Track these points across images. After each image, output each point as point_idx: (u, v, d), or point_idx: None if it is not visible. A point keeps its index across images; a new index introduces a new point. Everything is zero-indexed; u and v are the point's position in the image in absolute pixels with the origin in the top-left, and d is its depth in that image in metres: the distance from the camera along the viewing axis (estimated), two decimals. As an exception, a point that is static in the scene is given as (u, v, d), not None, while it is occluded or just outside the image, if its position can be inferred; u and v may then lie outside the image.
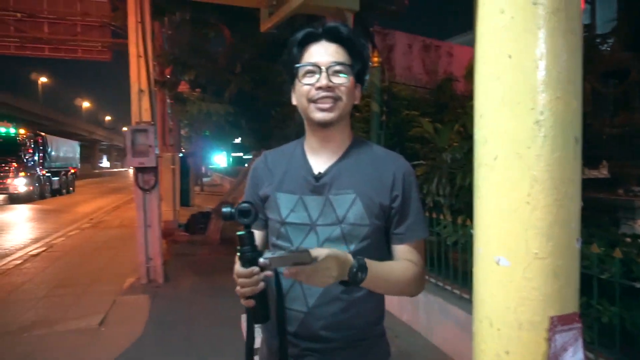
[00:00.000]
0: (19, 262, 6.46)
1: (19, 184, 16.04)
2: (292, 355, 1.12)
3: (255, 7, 3.79)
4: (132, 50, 5.24)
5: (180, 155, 11.62)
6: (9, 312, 4.36)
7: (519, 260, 0.77)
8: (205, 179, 24.61)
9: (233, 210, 0.98)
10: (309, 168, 1.16)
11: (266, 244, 1.25)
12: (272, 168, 1.22)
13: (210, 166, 28.63)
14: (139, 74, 5.23)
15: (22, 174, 16.24)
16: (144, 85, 5.24)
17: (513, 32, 0.76)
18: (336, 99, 1.09)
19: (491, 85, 0.79)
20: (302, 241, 1.12)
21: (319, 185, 1.13)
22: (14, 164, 16.18)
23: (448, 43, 13.50)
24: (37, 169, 17.30)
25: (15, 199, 16.08)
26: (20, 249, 7.51)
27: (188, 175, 12.52)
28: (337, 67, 1.08)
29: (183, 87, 8.12)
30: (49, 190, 18.33)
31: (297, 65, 1.11)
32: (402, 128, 6.03)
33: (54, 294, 4.93)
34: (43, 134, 18.96)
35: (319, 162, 1.16)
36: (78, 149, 24.88)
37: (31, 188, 16.38)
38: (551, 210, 0.75)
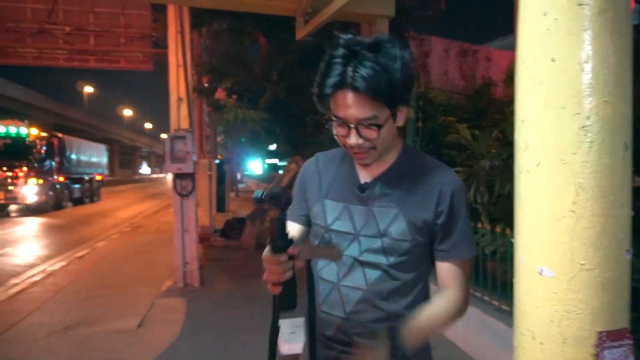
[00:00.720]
0: (64, 263, 6.76)
1: (29, 192, 13.77)
2: (329, 357, 1.13)
3: (290, 15, 3.84)
4: (172, 60, 5.41)
5: (217, 161, 11.87)
6: (54, 311, 4.56)
7: (564, 271, 0.73)
8: (240, 185, 25.03)
9: (264, 192, 0.96)
10: (356, 177, 1.15)
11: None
12: (322, 172, 1.21)
13: (245, 172, 29.11)
14: (178, 83, 5.39)
15: (33, 181, 13.95)
16: (183, 94, 5.40)
17: (557, 35, 0.73)
18: (370, 149, 1.05)
19: (534, 89, 0.76)
20: (345, 250, 1.12)
21: (364, 195, 1.12)
22: (24, 169, 13.94)
23: (486, 47, 13.21)
24: (53, 175, 15.11)
25: (25, 209, 14.22)
26: (67, 251, 7.85)
27: (224, 181, 12.78)
28: (366, 122, 1.00)
29: (220, 95, 8.31)
30: (68, 199, 16.22)
31: (326, 119, 1.07)
32: (438, 134, 5.93)
33: (96, 295, 5.12)
34: (60, 134, 16.59)
35: (367, 172, 1.14)
36: (106, 154, 22.26)
37: (44, 197, 14.15)
38: (599, 219, 0.72)
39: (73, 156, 17.23)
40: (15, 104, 27.76)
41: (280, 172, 10.06)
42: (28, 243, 8.97)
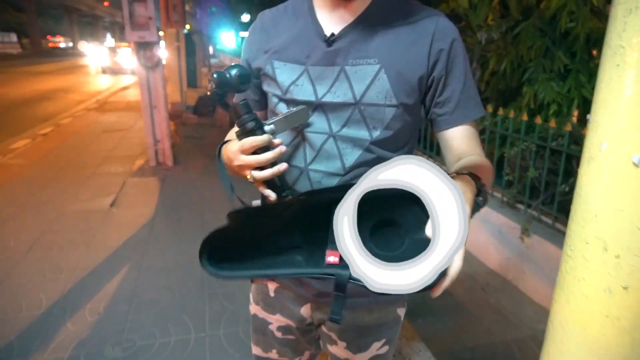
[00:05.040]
0: (28, 141, 6.37)
1: None
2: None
3: None
4: None
5: (185, 32, 10.86)
6: (21, 191, 4.35)
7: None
8: (213, 60, 23.70)
9: (231, 74, 0.76)
10: (318, 28, 0.84)
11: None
12: (270, 30, 0.91)
13: (217, 47, 27.28)
14: None
15: None
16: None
17: None
18: None
19: None
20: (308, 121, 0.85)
21: (331, 51, 0.82)
22: None
23: None
24: None
25: None
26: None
27: (194, 54, 11.89)
28: None
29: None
30: None
31: None
32: (430, 2, 5.37)
33: (65, 175, 4.88)
34: None
35: (333, 21, 0.84)
36: None
37: None
38: None
39: None
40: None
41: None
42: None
